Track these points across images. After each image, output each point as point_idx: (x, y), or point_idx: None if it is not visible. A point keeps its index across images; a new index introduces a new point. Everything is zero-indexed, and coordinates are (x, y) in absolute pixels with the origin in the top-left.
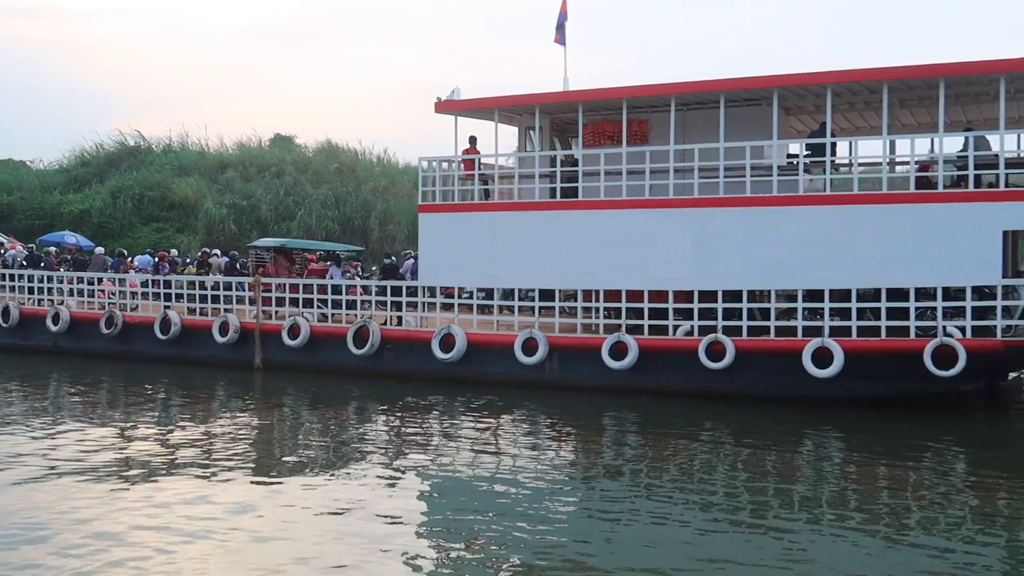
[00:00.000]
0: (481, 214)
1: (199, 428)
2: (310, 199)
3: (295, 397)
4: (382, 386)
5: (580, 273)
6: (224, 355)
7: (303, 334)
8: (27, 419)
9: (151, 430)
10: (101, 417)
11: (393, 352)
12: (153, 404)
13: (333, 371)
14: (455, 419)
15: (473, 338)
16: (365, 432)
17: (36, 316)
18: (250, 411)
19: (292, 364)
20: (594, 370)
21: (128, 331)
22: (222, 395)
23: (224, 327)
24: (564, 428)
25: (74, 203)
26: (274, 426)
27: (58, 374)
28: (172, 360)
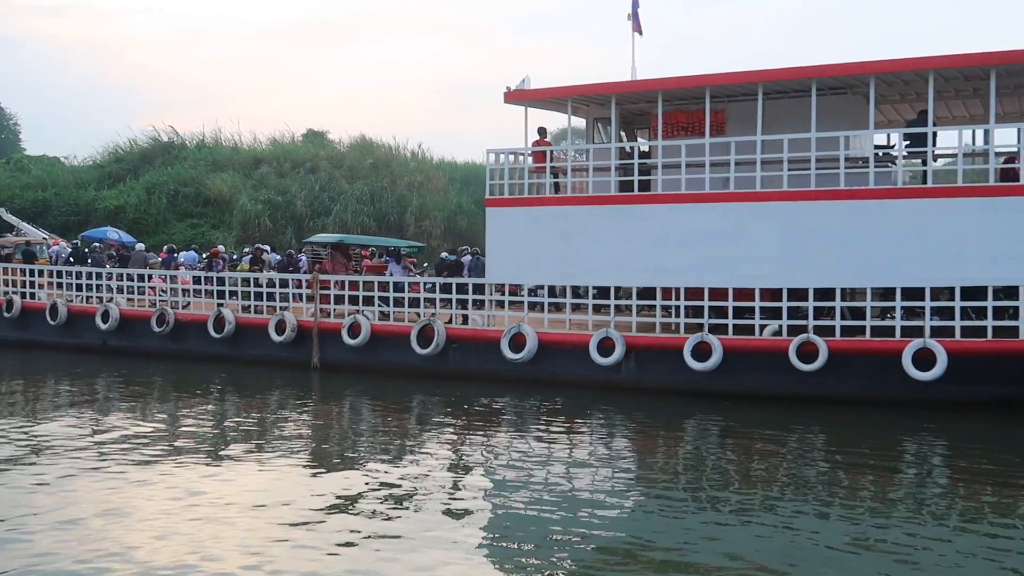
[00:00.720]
0: (553, 208)
1: (254, 429)
2: (345, 194)
3: (355, 398)
4: (446, 387)
5: (659, 270)
6: (280, 354)
7: (364, 333)
8: (78, 419)
9: (204, 430)
10: (152, 418)
11: (458, 352)
12: (207, 404)
13: (394, 371)
14: (525, 422)
15: (544, 337)
16: (429, 436)
17: (84, 314)
18: (308, 412)
19: (351, 364)
20: (675, 372)
21: (180, 329)
22: (278, 395)
23: (281, 326)
24: (643, 432)
25: (109, 199)
26: (334, 428)
27: (107, 373)
28: (225, 359)
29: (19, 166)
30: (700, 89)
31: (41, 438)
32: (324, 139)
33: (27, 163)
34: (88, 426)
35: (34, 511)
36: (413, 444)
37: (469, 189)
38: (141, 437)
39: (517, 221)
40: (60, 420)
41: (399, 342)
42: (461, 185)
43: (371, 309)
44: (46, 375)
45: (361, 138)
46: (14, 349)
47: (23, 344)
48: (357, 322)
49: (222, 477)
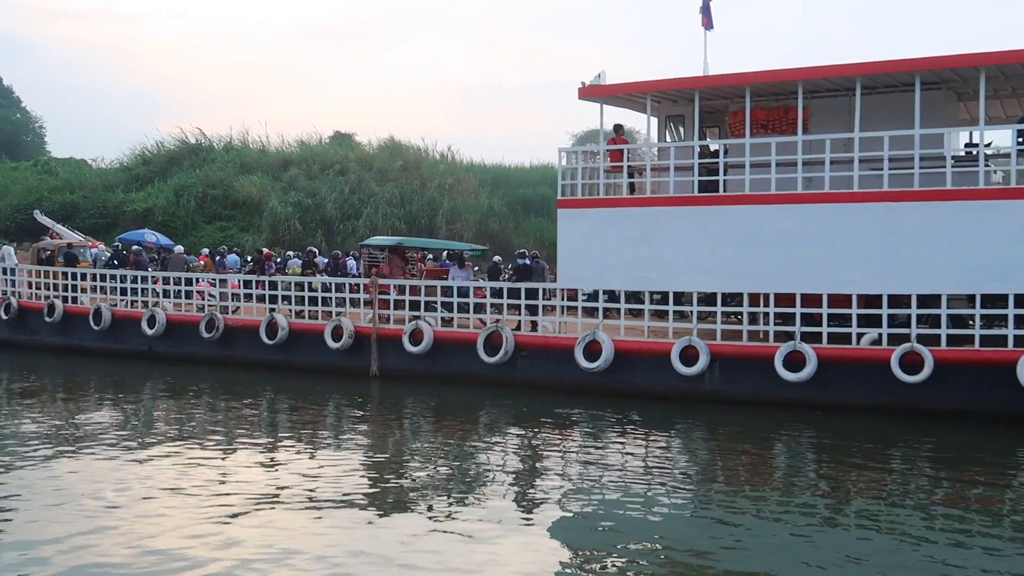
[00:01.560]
0: (631, 209)
1: (311, 437)
2: (376, 197)
3: (418, 408)
4: (515, 396)
5: (746, 275)
6: (336, 361)
7: (426, 340)
8: (124, 428)
9: (259, 439)
10: (203, 427)
11: (528, 360)
12: (259, 412)
13: (459, 380)
14: (603, 435)
15: (622, 346)
16: (499, 449)
17: (129, 319)
18: (367, 421)
19: (412, 372)
20: (764, 382)
21: (229, 335)
22: (335, 403)
23: (337, 332)
24: (730, 446)
25: (137, 201)
26: (395, 437)
27: (154, 380)
28: (278, 366)
29: (46, 168)
30: (785, 84)
31: (85, 446)
32: (352, 141)
33: (54, 165)
34: (135, 435)
35: (81, 526)
36: (480, 454)
37: (500, 192)
38: (191, 446)
39: (591, 223)
40: (105, 428)
41: (464, 350)
42: (492, 188)
43: (433, 315)
44: (89, 381)
45: (390, 140)
46: (56, 354)
47: (65, 349)
48: (419, 328)
49: (281, 485)
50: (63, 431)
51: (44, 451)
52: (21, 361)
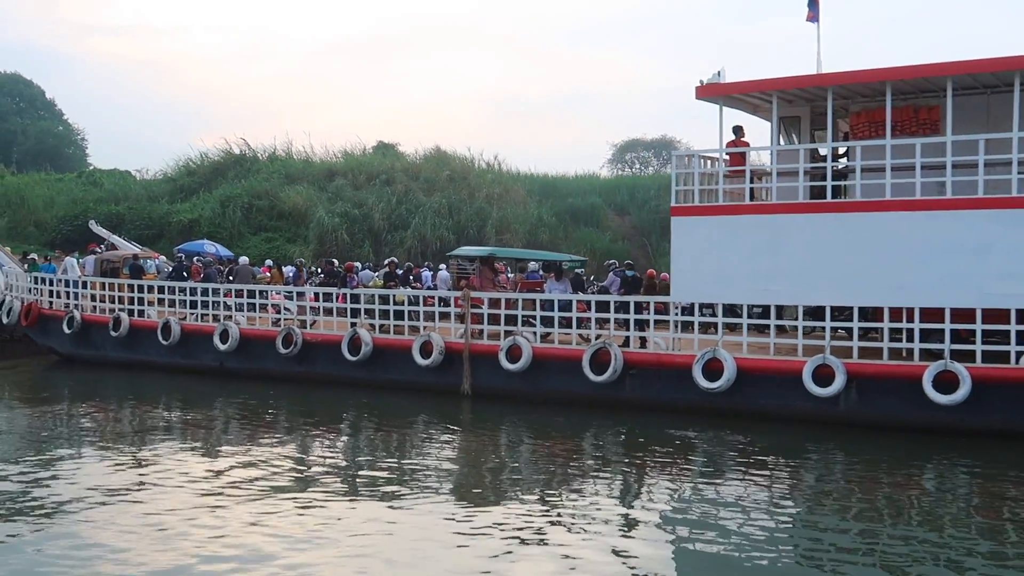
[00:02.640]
0: (755, 217)
1: (398, 459)
2: (424, 207)
3: (515, 428)
4: (624, 418)
5: (886, 287)
6: (424, 379)
7: (525, 357)
8: (196, 447)
9: (340, 461)
10: (281, 447)
11: (638, 379)
12: (342, 432)
13: (559, 400)
14: (724, 462)
15: (745, 364)
16: (606, 470)
17: (200, 333)
18: (460, 442)
19: (508, 391)
20: (909, 405)
21: (308, 351)
22: (424, 423)
23: (427, 348)
24: (871, 476)
25: (183, 212)
26: (491, 460)
27: (227, 397)
28: (360, 384)
29: (91, 180)
30: (925, 81)
31: (155, 468)
32: (396, 151)
33: (98, 177)
34: (208, 455)
35: (143, 556)
36: (586, 480)
37: (548, 201)
38: (269, 468)
39: (709, 232)
40: (175, 448)
41: (567, 367)
42: (539, 197)
43: (531, 330)
44: (158, 398)
45: (435, 149)
46: (121, 370)
47: (131, 365)
48: (517, 344)
49: (364, 515)
50: (129, 451)
51: (110, 475)
52: (85, 376)
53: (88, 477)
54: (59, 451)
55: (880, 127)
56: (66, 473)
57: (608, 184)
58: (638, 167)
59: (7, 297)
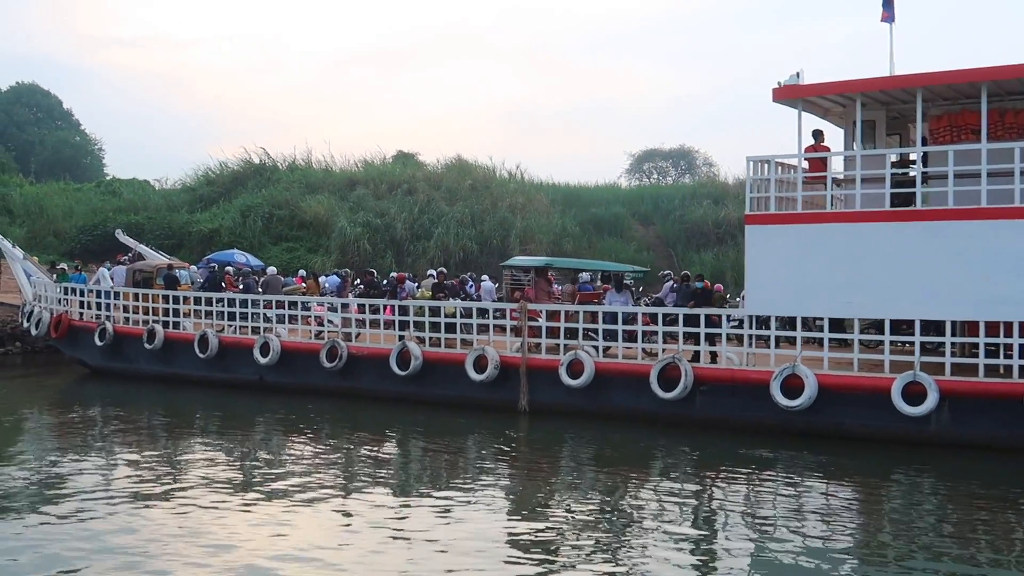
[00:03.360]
0: (838, 225)
1: (452, 479)
2: (446, 217)
3: (578, 448)
4: (694, 437)
5: (985, 301)
6: (478, 395)
7: (587, 372)
8: (238, 465)
9: (392, 479)
10: (327, 465)
11: (708, 396)
12: (391, 449)
13: (623, 417)
14: (806, 484)
15: (828, 381)
16: (680, 497)
17: (239, 346)
18: (518, 461)
19: (569, 407)
20: (1009, 425)
21: (353, 365)
22: (478, 441)
23: (481, 362)
24: (968, 502)
25: (203, 222)
26: (551, 480)
27: (268, 413)
28: (409, 399)
29: (110, 189)
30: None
31: (193, 487)
32: (415, 161)
33: (117, 186)
34: (251, 474)
35: None
36: (657, 500)
37: (571, 211)
38: (315, 488)
39: (787, 241)
40: (212, 464)
41: (632, 383)
42: (562, 207)
43: (591, 344)
44: (194, 413)
45: (457, 159)
46: (156, 384)
47: (166, 379)
48: (579, 359)
49: (411, 536)
50: (164, 468)
51: (141, 493)
52: (117, 390)
53: (121, 493)
54: (90, 466)
55: (963, 131)
56: (98, 490)
57: (631, 193)
58: (656, 177)
59: (35, 308)
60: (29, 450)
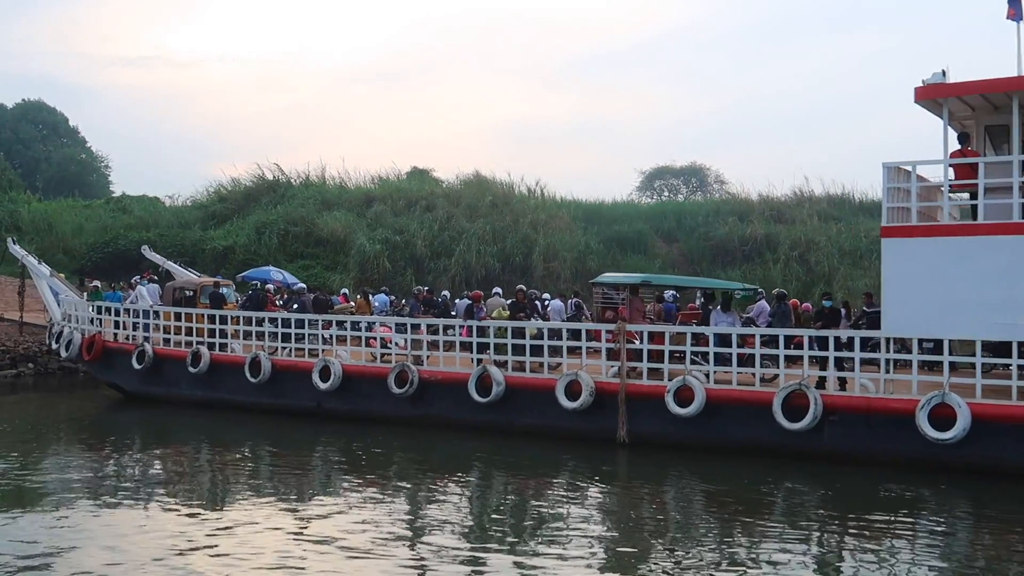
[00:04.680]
0: (994, 238)
1: (542, 519)
2: (467, 234)
3: (686, 484)
4: (823, 472)
5: None
6: (568, 424)
7: (698, 400)
8: (296, 504)
9: (471, 519)
10: (399, 504)
11: (839, 426)
12: (470, 485)
13: (738, 449)
14: (963, 531)
15: (983, 411)
16: (807, 541)
17: (295, 370)
18: (618, 503)
19: (675, 439)
20: None
21: (425, 391)
22: (570, 476)
23: (574, 388)
24: None
25: (217, 239)
26: (658, 521)
27: (328, 443)
28: (489, 429)
29: (120, 206)
30: None
31: (241, 526)
32: (431, 177)
33: (127, 203)
34: (303, 510)
35: None
36: (784, 552)
37: (593, 228)
38: (377, 528)
39: (931, 255)
40: (266, 497)
41: (751, 413)
42: (584, 224)
43: (700, 368)
44: (243, 443)
45: (475, 175)
46: (199, 410)
47: (210, 404)
48: (688, 385)
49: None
50: (211, 505)
51: (188, 531)
52: (158, 418)
53: (161, 533)
54: (127, 502)
55: None
56: (133, 530)
57: (652, 210)
58: (667, 195)
59: (65, 328)
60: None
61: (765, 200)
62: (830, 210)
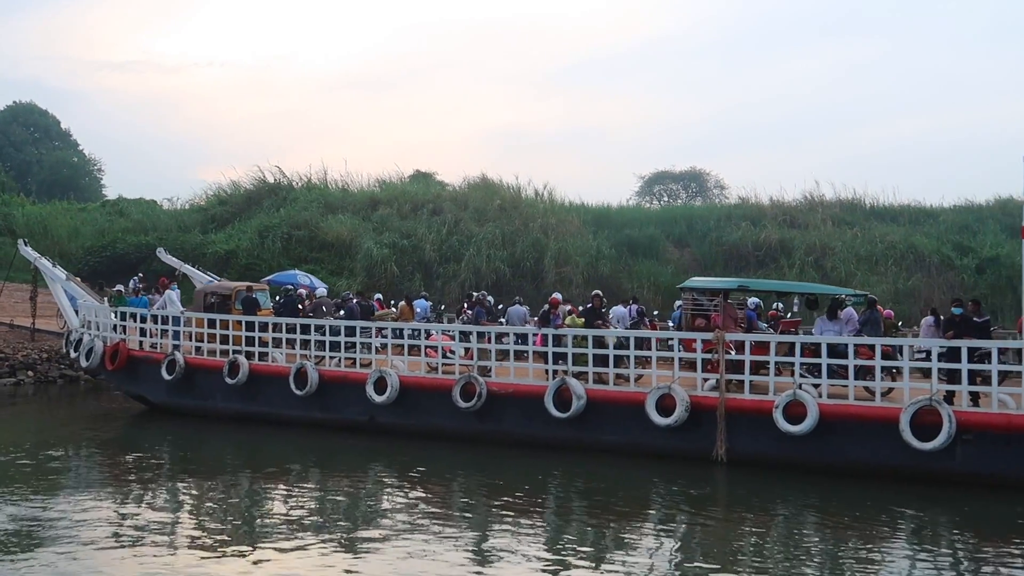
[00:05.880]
0: None
1: (634, 547)
2: (476, 238)
3: (798, 509)
4: (956, 496)
5: None
6: (658, 442)
7: (811, 416)
8: (358, 530)
9: (538, 553)
10: (467, 529)
11: (974, 447)
12: (544, 508)
13: (858, 471)
14: None
15: None
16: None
17: (345, 381)
18: (719, 528)
19: (781, 458)
20: None
21: (494, 404)
22: (661, 500)
23: (666, 402)
24: None
25: (219, 243)
26: (764, 549)
27: (385, 460)
28: (568, 446)
29: (116, 209)
30: None
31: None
32: (434, 180)
33: (124, 206)
34: (363, 540)
35: None
36: None
37: (603, 233)
38: (448, 562)
39: None
40: (323, 525)
41: (874, 431)
42: (594, 228)
43: (809, 381)
44: (290, 460)
45: (482, 178)
46: (238, 425)
47: (248, 418)
48: (799, 400)
49: None
50: (260, 541)
51: None
52: (192, 433)
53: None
54: (163, 538)
55: None
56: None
57: (662, 214)
58: (667, 199)
59: (84, 335)
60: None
61: (776, 204)
62: (843, 215)
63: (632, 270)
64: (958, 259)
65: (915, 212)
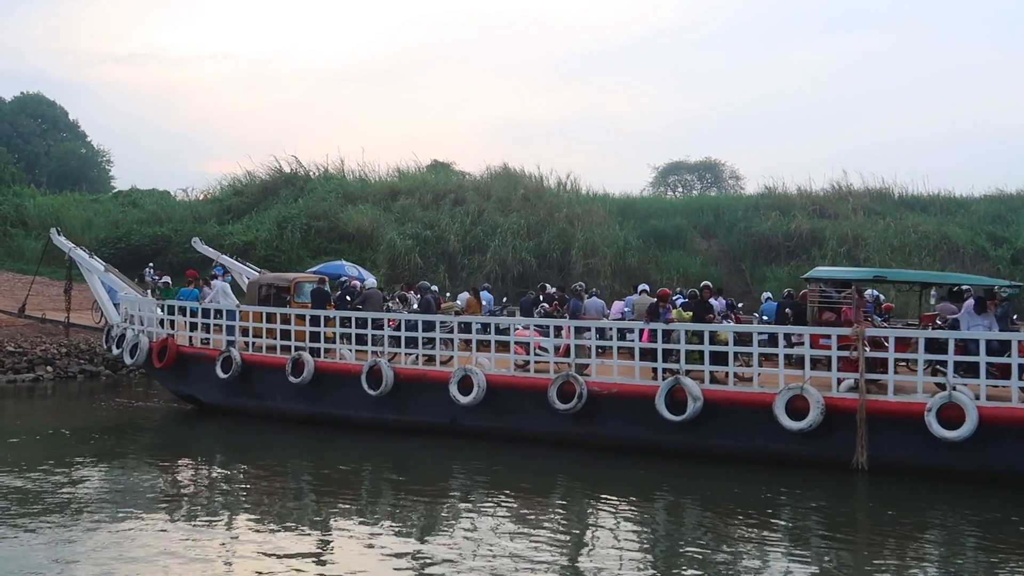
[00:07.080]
0: None
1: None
2: (501, 228)
3: (954, 525)
4: None
5: None
6: (787, 447)
7: (970, 420)
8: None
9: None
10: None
11: None
12: (654, 518)
13: (1014, 480)
14: None
15: None
16: None
17: (424, 381)
18: (863, 544)
19: (932, 467)
20: None
21: (594, 406)
22: (794, 510)
23: (798, 404)
24: None
25: (237, 234)
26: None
27: (474, 467)
28: (681, 452)
29: (129, 200)
30: None
31: None
32: (452, 170)
33: (137, 197)
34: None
35: None
36: None
37: (629, 223)
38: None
39: None
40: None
41: None
42: (621, 219)
43: (963, 381)
44: (362, 464)
45: (503, 168)
46: (299, 426)
47: (314, 420)
48: (955, 402)
49: None
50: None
51: None
52: (252, 436)
53: None
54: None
55: None
56: None
57: (687, 204)
58: (681, 191)
59: (129, 331)
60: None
61: (804, 194)
62: (872, 205)
63: (660, 261)
64: (993, 250)
65: (946, 202)
